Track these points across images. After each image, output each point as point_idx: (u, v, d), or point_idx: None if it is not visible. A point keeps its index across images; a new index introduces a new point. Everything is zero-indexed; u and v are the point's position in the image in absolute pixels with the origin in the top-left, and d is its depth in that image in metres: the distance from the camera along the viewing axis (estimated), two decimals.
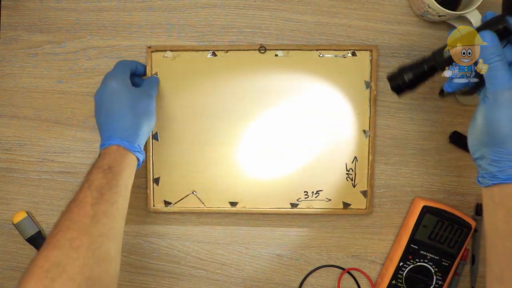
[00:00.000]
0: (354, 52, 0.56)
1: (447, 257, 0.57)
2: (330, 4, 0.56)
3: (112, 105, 0.48)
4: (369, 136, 0.57)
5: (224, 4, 0.57)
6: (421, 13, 0.55)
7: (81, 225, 0.41)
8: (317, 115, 0.57)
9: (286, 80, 0.57)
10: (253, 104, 0.57)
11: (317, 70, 0.56)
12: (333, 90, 0.57)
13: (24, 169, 0.60)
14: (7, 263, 0.62)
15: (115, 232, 0.43)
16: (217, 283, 0.62)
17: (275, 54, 0.56)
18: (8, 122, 0.60)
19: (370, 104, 0.57)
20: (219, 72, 0.57)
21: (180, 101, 0.57)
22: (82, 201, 0.42)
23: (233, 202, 0.59)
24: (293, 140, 0.58)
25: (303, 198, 0.59)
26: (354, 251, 0.61)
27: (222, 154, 0.58)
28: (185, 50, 0.56)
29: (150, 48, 0.56)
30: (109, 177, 0.44)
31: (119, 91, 0.48)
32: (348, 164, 0.58)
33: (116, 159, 0.46)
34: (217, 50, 0.56)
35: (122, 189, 0.45)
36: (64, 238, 0.39)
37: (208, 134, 0.58)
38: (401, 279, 0.58)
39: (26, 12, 0.58)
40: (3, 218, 0.61)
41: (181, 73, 0.57)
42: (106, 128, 0.48)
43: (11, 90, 0.59)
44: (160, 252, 0.62)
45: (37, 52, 0.58)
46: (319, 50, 0.56)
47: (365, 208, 0.59)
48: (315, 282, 0.61)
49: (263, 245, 0.61)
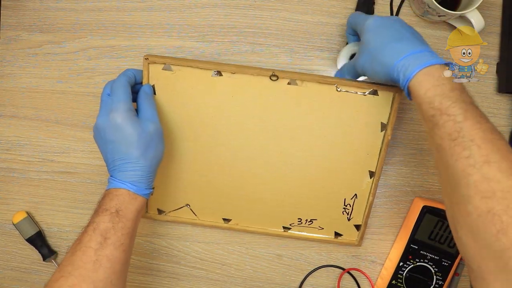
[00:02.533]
0: (375, 91, 0.51)
1: (447, 257, 0.57)
2: (330, 4, 0.56)
3: (122, 145, 0.45)
4: (374, 178, 0.55)
5: (224, 4, 0.57)
6: (421, 13, 0.55)
7: (83, 271, 0.40)
8: (324, 147, 0.54)
9: (297, 110, 0.52)
10: (257, 129, 0.53)
11: (332, 105, 0.52)
12: (346, 127, 0.53)
13: (24, 169, 0.60)
14: (7, 263, 0.62)
15: (119, 275, 0.43)
16: (217, 283, 0.62)
17: (288, 83, 0.51)
18: (8, 122, 0.60)
19: (381, 148, 0.53)
20: (223, 94, 0.52)
21: (178, 118, 0.53)
22: (86, 245, 0.42)
23: (227, 219, 0.58)
24: (295, 166, 0.55)
25: (296, 224, 0.58)
26: (354, 251, 0.61)
27: (220, 173, 0.55)
28: (187, 66, 0.51)
29: (148, 60, 0.50)
30: (115, 221, 0.43)
31: (127, 130, 0.44)
32: (347, 200, 0.56)
33: (124, 202, 0.44)
34: (223, 70, 0.50)
35: (129, 231, 0.44)
36: (65, 284, 0.39)
37: (207, 153, 0.54)
38: (401, 279, 0.58)
39: (26, 12, 0.58)
40: (3, 218, 0.61)
41: (181, 89, 0.51)
42: (114, 166, 0.46)
43: (11, 90, 0.59)
44: (160, 252, 0.62)
45: (37, 52, 0.58)
46: (337, 85, 0.51)
47: (355, 239, 0.58)
48: (315, 282, 0.61)
49: (263, 245, 0.61)
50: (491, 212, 0.33)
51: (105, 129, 0.45)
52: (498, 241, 0.33)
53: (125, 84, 0.47)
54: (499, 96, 0.57)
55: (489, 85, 0.57)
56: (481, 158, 0.35)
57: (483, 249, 0.34)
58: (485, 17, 0.51)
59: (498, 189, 0.34)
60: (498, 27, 0.56)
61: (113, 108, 0.45)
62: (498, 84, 0.57)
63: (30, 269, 0.62)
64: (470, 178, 0.35)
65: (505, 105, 0.57)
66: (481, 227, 0.34)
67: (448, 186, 0.38)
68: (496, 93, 0.57)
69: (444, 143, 0.37)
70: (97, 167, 0.60)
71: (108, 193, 0.45)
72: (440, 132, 0.38)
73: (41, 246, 0.60)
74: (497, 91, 0.57)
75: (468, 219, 0.35)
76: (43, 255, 0.60)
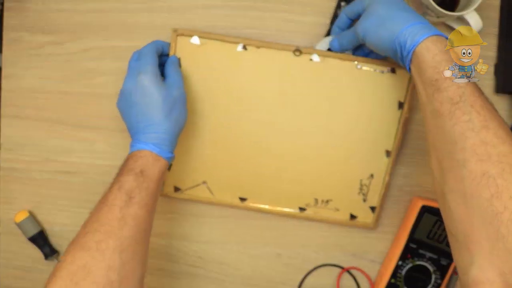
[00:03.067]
0: (393, 69, 0.53)
1: (445, 256, 0.57)
2: (329, 5, 0.56)
3: (147, 108, 0.47)
4: (390, 158, 0.55)
5: (224, 5, 0.57)
6: (420, 14, 0.55)
7: (109, 227, 0.41)
8: (342, 126, 0.55)
9: (317, 87, 0.54)
10: (277, 105, 0.55)
11: (351, 81, 0.54)
12: (364, 105, 0.54)
13: (26, 169, 0.61)
14: (10, 262, 0.63)
15: (143, 234, 0.44)
16: (216, 282, 0.62)
17: (310, 59, 0.53)
18: (11, 122, 0.60)
19: (398, 126, 0.54)
20: (247, 68, 0.54)
21: (202, 91, 0.55)
22: (111, 203, 0.42)
23: (243, 198, 0.58)
24: (313, 144, 0.56)
25: (312, 205, 0.58)
26: (353, 250, 0.61)
27: (238, 150, 0.56)
28: (214, 39, 0.53)
29: (176, 32, 0.53)
30: (140, 181, 0.44)
31: (153, 93, 0.47)
32: (363, 180, 0.57)
33: (148, 163, 0.45)
34: (249, 45, 0.53)
35: (153, 192, 0.45)
36: (92, 240, 0.40)
37: (227, 129, 0.56)
38: (400, 278, 0.58)
39: (28, 13, 0.58)
40: (6, 218, 0.62)
41: (206, 62, 0.54)
42: (138, 129, 0.47)
43: (14, 90, 0.59)
44: (158, 251, 0.62)
45: (39, 53, 0.59)
46: (357, 62, 0.53)
47: (370, 222, 0.58)
48: (314, 281, 0.62)
49: (261, 244, 0.61)
50: (486, 175, 0.34)
51: (131, 91, 0.47)
52: (491, 205, 0.33)
53: (153, 51, 0.50)
54: (497, 97, 0.58)
55: (487, 85, 0.57)
56: (479, 123, 0.36)
57: (474, 216, 0.34)
58: (483, 18, 0.52)
59: (494, 153, 0.34)
60: (495, 28, 0.56)
61: (141, 71, 0.47)
62: (495, 85, 0.57)
63: (32, 268, 0.63)
64: (467, 141, 0.36)
65: (502, 105, 0.58)
66: (475, 192, 0.34)
67: (440, 153, 0.39)
68: (494, 94, 0.57)
69: (443, 107, 0.38)
70: (99, 167, 0.60)
71: (131, 156, 0.46)
72: (441, 96, 0.38)
73: (43, 245, 0.61)
74: (495, 92, 0.57)
75: (460, 185, 0.36)
76: (45, 254, 0.61)
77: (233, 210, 0.60)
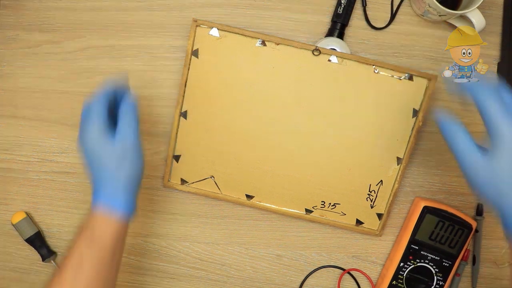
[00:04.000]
0: (411, 76, 0.53)
1: (447, 257, 0.57)
2: (330, 3, 0.56)
3: (96, 164, 0.45)
4: (401, 165, 0.55)
5: (223, 4, 0.56)
6: (422, 13, 0.55)
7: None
8: (355, 129, 0.55)
9: (333, 88, 0.54)
10: (292, 103, 0.54)
11: (368, 85, 0.53)
12: (378, 109, 0.54)
13: (23, 169, 0.60)
14: (6, 264, 0.62)
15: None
16: (217, 283, 0.62)
17: (328, 59, 0.53)
18: (7, 122, 0.59)
19: (411, 134, 0.54)
20: (265, 64, 0.53)
21: (217, 84, 0.54)
22: (61, 276, 0.42)
23: (250, 195, 0.58)
24: (324, 145, 0.55)
25: (319, 207, 0.58)
26: (354, 251, 0.61)
27: (249, 146, 0.56)
28: (234, 33, 0.53)
29: (196, 22, 0.52)
30: (91, 246, 0.43)
31: (99, 151, 0.44)
32: (372, 186, 0.56)
33: (101, 226, 0.44)
34: (268, 41, 0.53)
35: (106, 259, 0.43)
36: None
37: (238, 124, 0.55)
38: (401, 280, 0.58)
39: (25, 11, 0.58)
40: (2, 218, 0.61)
41: (224, 55, 0.53)
42: (93, 184, 0.46)
43: (10, 90, 0.59)
44: (160, 252, 0.61)
45: (36, 51, 0.58)
46: (375, 66, 0.53)
47: (376, 229, 0.58)
48: (315, 283, 0.61)
49: (263, 246, 0.61)
50: None
51: (81, 147, 0.46)
52: None
53: (102, 104, 0.46)
54: None
55: None
56: None
57: None
58: (486, 16, 0.51)
59: None
60: (499, 27, 0.56)
61: (88, 129, 0.45)
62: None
63: (29, 270, 0.62)
64: None
65: None
66: None
67: None
68: None
69: None
70: None
71: (89, 213, 0.45)
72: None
73: (40, 247, 0.60)
74: None
75: None
76: (43, 256, 0.60)
77: (234, 211, 0.60)
